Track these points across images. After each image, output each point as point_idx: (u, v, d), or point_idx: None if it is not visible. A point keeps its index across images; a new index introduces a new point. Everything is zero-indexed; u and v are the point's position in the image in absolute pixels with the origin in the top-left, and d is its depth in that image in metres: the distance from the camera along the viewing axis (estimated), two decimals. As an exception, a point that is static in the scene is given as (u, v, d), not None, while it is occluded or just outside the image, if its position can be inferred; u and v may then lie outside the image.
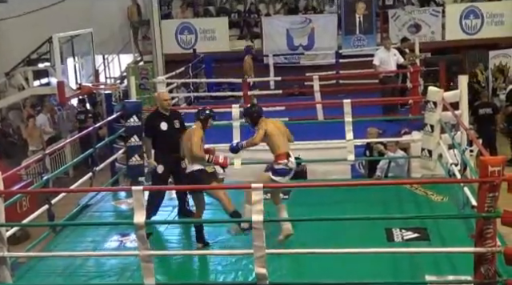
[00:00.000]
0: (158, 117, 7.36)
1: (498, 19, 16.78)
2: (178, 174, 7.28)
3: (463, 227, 6.27)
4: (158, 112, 7.44)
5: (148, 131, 7.41)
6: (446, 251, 5.78)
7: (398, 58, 11.66)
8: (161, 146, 7.28)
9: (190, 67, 14.28)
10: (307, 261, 5.86)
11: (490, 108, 12.63)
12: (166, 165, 7.24)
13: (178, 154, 7.09)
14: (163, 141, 7.25)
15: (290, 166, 6.46)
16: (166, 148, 7.24)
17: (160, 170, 7.25)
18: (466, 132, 7.30)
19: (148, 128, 7.43)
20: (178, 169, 7.20)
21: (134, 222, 5.19)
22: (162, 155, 7.27)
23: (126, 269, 6.05)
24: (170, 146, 7.22)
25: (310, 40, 17.07)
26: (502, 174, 4.77)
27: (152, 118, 7.45)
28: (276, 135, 6.49)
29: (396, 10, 17.05)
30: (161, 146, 7.28)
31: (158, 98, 7.56)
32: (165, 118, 7.32)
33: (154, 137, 7.30)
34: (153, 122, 7.36)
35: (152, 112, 7.68)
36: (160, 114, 7.39)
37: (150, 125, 7.41)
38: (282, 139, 6.51)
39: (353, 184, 7.47)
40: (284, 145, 6.51)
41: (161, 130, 7.25)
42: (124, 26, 17.90)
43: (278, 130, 6.55)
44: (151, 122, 7.41)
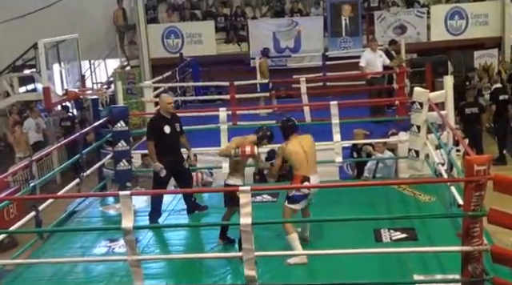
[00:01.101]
0: (162, 120, 7.40)
1: (482, 20, 16.91)
2: (179, 175, 7.44)
3: (450, 227, 6.30)
4: (160, 115, 7.47)
5: (152, 135, 7.40)
6: (434, 251, 5.81)
7: (384, 59, 11.72)
8: (164, 150, 7.32)
9: (176, 71, 14.28)
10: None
11: (476, 108, 12.71)
12: (168, 168, 7.30)
13: (179, 157, 7.28)
14: (166, 144, 7.31)
15: (303, 191, 6.07)
16: (169, 151, 7.32)
17: (163, 173, 7.29)
18: (452, 132, 7.34)
19: (152, 131, 7.42)
20: (180, 169, 7.35)
21: (122, 228, 5.18)
22: (164, 158, 7.30)
23: (114, 274, 6.02)
24: (172, 149, 7.34)
25: (297, 43, 17.12)
26: (487, 173, 4.80)
27: (156, 122, 7.47)
28: (298, 157, 6.11)
29: (381, 12, 17.13)
30: (164, 149, 7.31)
31: (162, 101, 7.55)
32: (167, 122, 7.38)
33: (157, 140, 7.32)
34: (157, 125, 7.39)
35: (155, 116, 7.69)
36: (163, 117, 7.43)
37: (154, 128, 7.42)
38: (303, 161, 6.12)
39: (341, 185, 7.49)
40: (305, 167, 6.11)
41: (164, 133, 7.31)
42: (110, 30, 17.87)
43: (302, 150, 6.15)
44: (155, 125, 7.42)
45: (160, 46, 17.43)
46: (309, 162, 6.17)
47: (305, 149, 6.19)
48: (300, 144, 6.21)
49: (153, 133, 7.38)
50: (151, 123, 7.56)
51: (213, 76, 14.54)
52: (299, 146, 6.19)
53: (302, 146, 6.20)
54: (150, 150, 7.38)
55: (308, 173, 6.12)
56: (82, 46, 14.04)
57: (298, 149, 6.15)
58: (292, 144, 6.18)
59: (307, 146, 6.24)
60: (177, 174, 7.48)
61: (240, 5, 18.49)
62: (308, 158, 6.17)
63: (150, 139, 7.37)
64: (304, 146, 6.21)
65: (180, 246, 6.71)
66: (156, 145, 7.32)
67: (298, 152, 6.13)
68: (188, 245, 6.74)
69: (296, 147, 6.16)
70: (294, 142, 6.21)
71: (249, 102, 12.68)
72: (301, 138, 6.32)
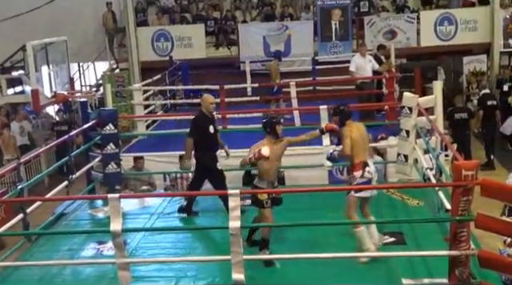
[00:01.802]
0: (206, 119, 7.59)
1: (471, 25, 17.00)
2: (215, 173, 7.60)
3: (438, 231, 6.33)
4: (204, 115, 7.64)
5: (195, 133, 7.52)
6: (422, 255, 5.84)
7: (374, 64, 11.77)
8: (207, 148, 7.53)
9: (166, 74, 14.26)
10: (284, 266, 5.87)
11: (465, 113, 12.80)
12: (212, 165, 7.54)
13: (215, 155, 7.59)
14: (210, 142, 7.54)
15: (366, 176, 6.08)
16: (212, 149, 7.56)
17: (219, 166, 7.58)
18: (441, 137, 7.37)
19: (196, 130, 7.55)
20: (217, 169, 7.60)
21: (111, 230, 5.17)
22: (208, 156, 7.53)
23: (102, 277, 6.01)
24: (214, 148, 7.61)
25: (287, 47, 17.13)
26: (475, 178, 4.83)
27: (200, 121, 7.62)
28: (357, 143, 6.11)
29: (372, 17, 17.20)
30: (207, 147, 7.53)
31: (205, 101, 7.67)
32: (210, 121, 7.59)
33: (201, 138, 7.48)
34: (202, 124, 7.56)
35: (198, 115, 7.75)
36: (207, 116, 7.62)
37: (198, 127, 7.56)
38: (361, 147, 6.13)
39: (330, 189, 7.52)
40: (362, 153, 6.13)
41: (209, 132, 7.52)
42: (99, 33, 17.82)
43: (360, 136, 6.16)
44: (200, 124, 7.57)
45: (150, 49, 17.40)
46: (365, 149, 6.24)
47: (363, 136, 6.22)
48: (358, 130, 6.22)
49: (196, 131, 7.53)
50: (196, 121, 7.67)
51: (202, 79, 14.52)
52: (358, 132, 6.19)
53: (361, 133, 6.22)
54: (188, 147, 7.54)
55: (366, 158, 6.17)
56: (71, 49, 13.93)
57: (359, 138, 6.16)
58: (354, 134, 6.15)
59: (363, 132, 6.27)
60: (213, 173, 7.62)
61: (230, 8, 18.50)
62: (365, 145, 6.23)
63: (192, 137, 7.51)
64: (362, 133, 6.23)
65: (169, 249, 6.69)
66: (198, 143, 7.48)
67: (359, 141, 6.14)
68: (177, 248, 6.73)
69: (356, 133, 6.16)
70: (354, 128, 6.20)
71: (239, 106, 12.67)
72: (358, 125, 6.36)
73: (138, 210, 7.99)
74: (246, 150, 9.52)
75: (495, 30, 16.76)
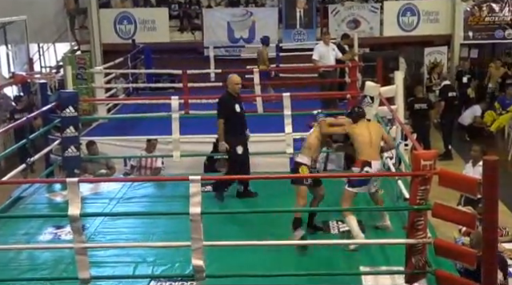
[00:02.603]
0: (232, 99, 7.58)
1: (433, 17, 17.20)
2: (247, 151, 7.68)
3: (397, 219, 6.42)
4: (230, 94, 7.64)
5: (223, 113, 7.53)
6: (380, 243, 5.92)
7: (337, 53, 11.82)
8: (235, 128, 7.52)
9: (128, 58, 14.10)
10: (244, 253, 5.88)
11: (425, 103, 12.98)
12: (241, 145, 7.55)
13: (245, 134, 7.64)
14: (237, 122, 7.55)
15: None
16: (239, 129, 7.56)
17: (240, 150, 7.52)
18: (401, 126, 7.45)
19: (224, 110, 7.55)
20: (247, 147, 7.66)
21: (69, 215, 5.10)
22: (236, 136, 7.54)
23: (60, 262, 5.94)
24: (242, 127, 7.61)
25: (251, 33, 17.10)
26: (433, 168, 4.89)
27: (226, 100, 7.62)
28: (361, 140, 6.15)
29: (336, 6, 17.25)
30: (235, 127, 7.52)
31: (231, 81, 7.66)
32: (236, 101, 7.58)
33: (228, 119, 7.48)
34: (228, 104, 7.55)
35: (224, 95, 7.75)
36: (232, 96, 7.62)
37: (225, 107, 7.57)
38: (367, 146, 6.14)
39: (290, 177, 7.50)
40: (367, 152, 6.12)
41: (235, 111, 7.52)
42: (60, 13, 17.50)
43: (368, 136, 6.17)
44: (226, 104, 7.57)
45: (112, 31, 17.16)
46: (373, 147, 6.21)
47: (371, 134, 6.23)
48: (368, 129, 6.27)
49: (223, 111, 7.53)
50: (222, 102, 7.67)
51: (165, 64, 14.40)
52: (367, 130, 6.24)
53: (370, 131, 6.25)
54: (220, 129, 7.52)
55: (370, 158, 6.14)
56: (31, 29, 13.74)
57: (364, 132, 6.21)
58: (359, 127, 6.26)
59: (374, 132, 6.29)
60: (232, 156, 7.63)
61: (195, -7, 18.36)
62: (372, 143, 6.21)
63: (221, 117, 7.50)
64: (371, 131, 6.26)
65: (128, 235, 6.64)
66: (226, 124, 7.48)
67: (363, 135, 6.20)
68: (137, 233, 6.69)
69: (363, 130, 6.23)
70: (362, 126, 6.29)
71: (202, 92, 12.62)
72: (369, 123, 6.45)
73: (97, 195, 7.91)
74: (207, 136, 9.58)
75: (456, 22, 16.98)
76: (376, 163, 6.19)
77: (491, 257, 4.60)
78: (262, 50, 13.12)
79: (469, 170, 8.78)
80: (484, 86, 16.53)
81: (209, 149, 9.67)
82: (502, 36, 17.05)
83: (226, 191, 7.63)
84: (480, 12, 17.01)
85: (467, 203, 7.99)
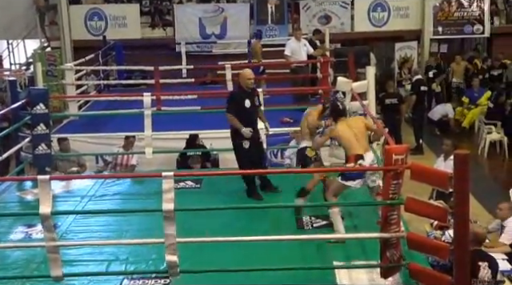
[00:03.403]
0: (243, 94, 7.55)
1: (403, 12, 17.33)
2: (257, 146, 7.62)
3: (370, 214, 6.45)
4: (241, 89, 7.61)
5: (231, 108, 7.50)
6: (354, 237, 5.95)
7: (308, 48, 11.85)
8: (244, 123, 7.45)
9: (99, 54, 13.97)
10: (218, 249, 5.88)
11: (396, 98, 13.09)
12: (250, 140, 7.47)
13: (255, 130, 7.55)
14: (246, 117, 7.48)
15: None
16: (249, 124, 7.47)
17: (247, 145, 7.46)
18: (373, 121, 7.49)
19: (232, 105, 7.53)
20: (257, 142, 7.62)
21: (40, 213, 5.04)
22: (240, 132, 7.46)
23: (31, 261, 5.87)
24: (251, 123, 7.52)
25: (223, 29, 17.07)
26: (405, 162, 4.93)
27: (236, 96, 7.61)
28: (346, 137, 6.25)
29: (307, 1, 17.30)
30: (244, 122, 7.45)
31: (243, 77, 7.61)
32: (248, 96, 7.53)
33: (237, 114, 7.44)
34: (237, 99, 7.52)
35: (235, 90, 7.82)
36: (244, 91, 7.57)
37: (234, 102, 7.54)
38: (354, 141, 6.21)
39: (263, 172, 7.54)
40: (356, 146, 6.19)
41: (245, 107, 7.47)
42: (29, 10, 17.25)
43: (352, 132, 6.26)
44: (236, 99, 7.54)
45: (82, 27, 16.99)
46: (359, 140, 6.26)
47: (354, 129, 6.32)
48: (348, 125, 6.37)
49: (232, 106, 7.51)
50: (232, 97, 7.67)
51: (137, 60, 14.32)
52: (346, 126, 6.35)
53: (351, 127, 6.35)
54: (234, 120, 7.47)
55: (360, 151, 6.19)
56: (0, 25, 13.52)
57: (345, 129, 6.32)
58: (340, 126, 6.38)
59: (356, 126, 6.38)
60: (255, 146, 7.59)
61: (166, -11, 18.25)
62: (358, 136, 6.27)
63: (229, 112, 7.50)
64: (353, 126, 6.35)
65: (101, 233, 6.59)
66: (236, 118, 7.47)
67: (345, 131, 6.29)
68: (109, 231, 6.64)
69: (344, 128, 6.33)
70: (342, 124, 6.39)
71: (173, 88, 12.56)
72: (349, 119, 6.58)
73: (69, 193, 7.84)
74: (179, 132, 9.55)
75: (426, 17, 17.15)
76: (369, 154, 6.25)
77: (463, 250, 4.65)
78: (256, 45, 13.02)
79: (440, 164, 8.88)
80: (448, 81, 16.75)
81: (181, 145, 9.64)
82: (470, 31, 17.26)
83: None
84: (449, 7, 17.20)
85: (439, 197, 8.07)
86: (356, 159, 6.16)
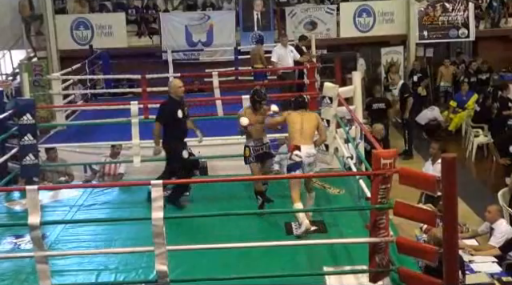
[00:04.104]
0: (175, 104, 7.44)
1: (388, 17, 17.42)
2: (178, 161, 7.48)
3: (359, 218, 6.47)
4: (173, 100, 7.49)
5: (163, 118, 7.38)
6: (343, 242, 5.97)
7: (295, 54, 11.89)
8: (178, 133, 7.42)
9: (86, 64, 13.94)
10: (207, 256, 5.87)
11: (383, 103, 13.12)
12: (184, 150, 7.43)
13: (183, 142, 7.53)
14: (179, 128, 7.42)
15: (294, 158, 6.58)
16: (181, 135, 7.45)
17: (186, 155, 7.43)
18: (360, 126, 7.53)
19: (165, 115, 7.41)
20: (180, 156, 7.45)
21: (29, 223, 5.02)
22: (178, 142, 7.43)
23: (20, 272, 5.84)
24: (184, 133, 7.51)
25: (209, 36, 17.08)
26: (393, 167, 4.95)
27: (170, 106, 7.46)
28: (293, 126, 6.70)
29: (293, 8, 17.35)
30: (178, 133, 7.41)
31: (173, 85, 7.53)
32: (179, 106, 7.45)
33: (170, 124, 7.35)
34: (171, 109, 7.39)
35: (167, 100, 7.59)
36: (176, 101, 7.48)
37: (167, 112, 7.41)
38: (297, 133, 6.66)
39: (252, 179, 7.53)
40: (297, 138, 6.64)
41: (178, 117, 7.38)
42: (15, 20, 17.16)
43: (299, 123, 6.68)
44: (169, 109, 7.41)
45: (69, 37, 16.93)
46: (303, 134, 6.66)
47: (303, 123, 6.69)
48: (301, 117, 6.74)
49: (165, 116, 7.39)
50: (165, 107, 7.51)
51: (124, 69, 14.29)
52: (300, 118, 6.72)
53: (303, 120, 6.71)
54: (157, 132, 7.39)
55: (299, 143, 6.62)
56: (-15, 36, 13.44)
57: (296, 120, 6.72)
58: (294, 115, 6.78)
59: (307, 121, 6.74)
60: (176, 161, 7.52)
61: (152, -3, 18.24)
62: (303, 130, 6.67)
63: (159, 121, 7.38)
64: (304, 120, 6.72)
65: (90, 242, 6.56)
66: (168, 129, 7.37)
67: (295, 123, 6.71)
68: (98, 240, 6.61)
69: (296, 118, 6.73)
70: (297, 114, 6.78)
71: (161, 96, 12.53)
72: (305, 113, 6.88)
73: (57, 203, 7.80)
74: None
75: (411, 22, 17.24)
76: (306, 147, 6.62)
77: (452, 254, 4.68)
78: (257, 49, 12.99)
79: (428, 167, 8.93)
80: (436, 85, 16.83)
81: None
82: (456, 35, 17.36)
83: (186, 195, 7.58)
84: (434, 12, 17.31)
85: (427, 201, 8.12)
86: (293, 150, 6.62)
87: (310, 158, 6.64)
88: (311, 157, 6.66)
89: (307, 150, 6.61)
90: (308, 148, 6.63)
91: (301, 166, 6.58)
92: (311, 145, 6.70)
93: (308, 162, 6.63)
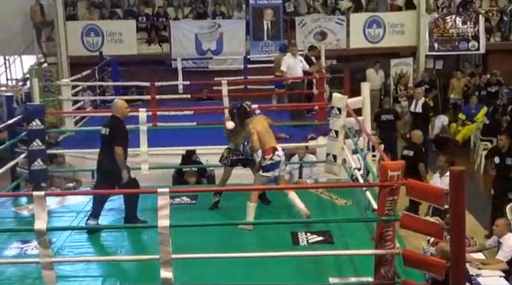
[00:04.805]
0: (124, 125, 7.26)
1: (398, 29, 17.42)
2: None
3: (365, 230, 6.45)
4: (120, 120, 7.21)
5: (124, 140, 7.10)
6: (349, 254, 5.94)
7: (304, 64, 11.89)
8: (126, 153, 7.15)
9: (96, 70, 14.00)
10: (213, 265, 5.86)
11: (392, 114, 13.08)
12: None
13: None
14: (126, 147, 7.18)
15: (275, 158, 6.98)
16: (126, 154, 7.20)
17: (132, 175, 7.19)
18: (368, 138, 7.52)
19: (125, 136, 7.16)
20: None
21: (35, 229, 5.03)
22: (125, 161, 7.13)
23: (26, 277, 5.84)
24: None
25: (219, 45, 17.12)
26: (401, 179, 4.94)
27: (122, 127, 7.20)
28: (262, 133, 7.06)
29: (303, 18, 17.38)
30: (126, 152, 7.14)
31: (120, 106, 7.23)
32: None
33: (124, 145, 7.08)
34: (124, 130, 7.18)
35: (117, 121, 7.21)
36: (123, 121, 7.25)
37: (126, 133, 7.19)
38: (267, 135, 7.09)
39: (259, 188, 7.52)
40: (269, 140, 7.07)
41: (127, 137, 7.23)
42: (27, 26, 17.30)
43: (263, 127, 7.13)
44: (123, 130, 7.17)
45: (79, 43, 17.03)
46: (271, 137, 7.15)
47: (264, 125, 7.20)
48: (261, 123, 7.20)
49: (125, 138, 7.12)
50: (123, 128, 7.19)
51: (133, 76, 14.33)
52: (261, 124, 7.17)
53: (263, 124, 7.19)
54: (123, 157, 7.02)
55: (274, 143, 7.09)
56: (-3, 41, 13.53)
57: (261, 126, 7.14)
58: (255, 123, 7.16)
59: (265, 122, 7.27)
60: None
61: (162, 5, 18.31)
62: (270, 134, 7.16)
63: (121, 144, 7.00)
64: (264, 123, 7.22)
65: (95, 248, 6.57)
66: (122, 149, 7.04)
67: (262, 129, 7.13)
68: (104, 247, 6.62)
69: (260, 126, 7.14)
70: (257, 122, 7.21)
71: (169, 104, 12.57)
72: (259, 117, 7.38)
73: (64, 208, 7.81)
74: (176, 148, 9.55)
75: (421, 33, 17.23)
76: (279, 147, 7.12)
77: (459, 267, 4.65)
78: (279, 57, 13.00)
79: (436, 180, 8.90)
80: (447, 97, 16.78)
81: (177, 161, 9.63)
82: (466, 47, 17.34)
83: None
84: (444, 24, 17.31)
85: (435, 214, 8.08)
86: (273, 151, 6.99)
87: (283, 157, 7.19)
88: (283, 156, 7.20)
89: (280, 150, 7.13)
90: (280, 148, 7.14)
91: (278, 166, 7.04)
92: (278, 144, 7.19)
93: (282, 160, 7.15)
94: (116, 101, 7.47)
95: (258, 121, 7.26)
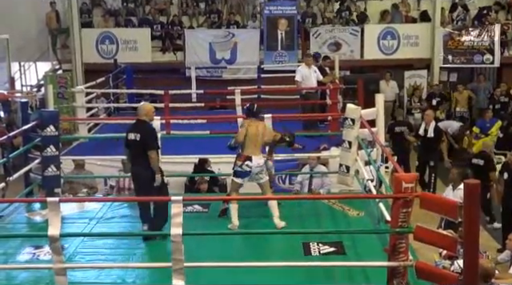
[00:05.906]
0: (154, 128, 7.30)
1: (413, 41, 17.41)
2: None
3: (378, 242, 6.42)
4: (151, 124, 7.23)
5: (157, 143, 7.10)
6: (361, 265, 5.92)
7: (318, 75, 11.90)
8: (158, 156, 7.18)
9: (110, 77, 14.08)
10: (224, 274, 5.85)
11: (405, 126, 13.04)
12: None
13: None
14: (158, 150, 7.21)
15: (244, 168, 7.00)
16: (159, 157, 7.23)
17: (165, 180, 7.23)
18: (382, 149, 7.50)
19: (157, 139, 7.14)
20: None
21: (49, 235, 5.06)
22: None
23: (38, 282, 5.86)
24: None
25: (233, 54, 17.18)
26: (414, 191, 4.92)
27: (154, 129, 7.26)
28: (249, 138, 7.03)
29: (317, 28, 17.40)
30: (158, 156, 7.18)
31: (149, 109, 7.17)
32: None
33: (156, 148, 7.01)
34: (156, 132, 7.22)
35: (150, 124, 7.18)
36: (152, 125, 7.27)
37: (156, 136, 7.18)
38: (252, 143, 7.04)
39: (271, 198, 7.51)
40: (249, 148, 7.03)
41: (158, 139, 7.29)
42: (42, 33, 17.46)
43: (255, 134, 7.07)
44: (155, 133, 7.21)
45: (94, 51, 17.14)
46: (256, 146, 7.09)
47: (258, 134, 7.11)
48: (256, 128, 7.16)
49: (157, 141, 7.09)
50: (154, 132, 7.16)
51: (147, 84, 14.40)
52: (256, 129, 7.13)
53: (258, 130, 7.13)
54: (158, 161, 6.99)
55: (251, 154, 7.03)
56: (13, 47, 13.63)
57: (253, 131, 7.09)
58: (251, 125, 7.15)
59: (260, 131, 7.17)
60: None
61: (177, 14, 18.41)
62: (257, 142, 7.10)
63: (155, 148, 6.93)
64: (259, 130, 7.15)
65: (108, 255, 6.58)
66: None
67: (252, 134, 7.08)
68: (116, 254, 6.63)
69: (253, 130, 7.11)
70: (253, 124, 7.18)
71: (183, 112, 12.61)
72: (258, 122, 7.33)
73: (77, 215, 7.84)
74: (189, 156, 9.57)
75: (435, 46, 17.20)
76: (256, 158, 7.05)
77: (472, 281, 4.62)
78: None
79: (449, 193, 8.84)
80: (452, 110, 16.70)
81: (190, 169, 9.66)
82: (480, 61, 17.28)
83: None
84: (459, 36, 17.26)
85: (448, 227, 8.03)
86: (245, 160, 7.00)
87: (258, 168, 7.07)
88: (259, 167, 7.08)
89: (258, 161, 7.06)
90: (258, 159, 7.08)
91: (248, 176, 7.04)
92: (260, 155, 7.15)
93: (256, 171, 7.08)
94: (143, 104, 7.49)
95: (257, 125, 7.21)
